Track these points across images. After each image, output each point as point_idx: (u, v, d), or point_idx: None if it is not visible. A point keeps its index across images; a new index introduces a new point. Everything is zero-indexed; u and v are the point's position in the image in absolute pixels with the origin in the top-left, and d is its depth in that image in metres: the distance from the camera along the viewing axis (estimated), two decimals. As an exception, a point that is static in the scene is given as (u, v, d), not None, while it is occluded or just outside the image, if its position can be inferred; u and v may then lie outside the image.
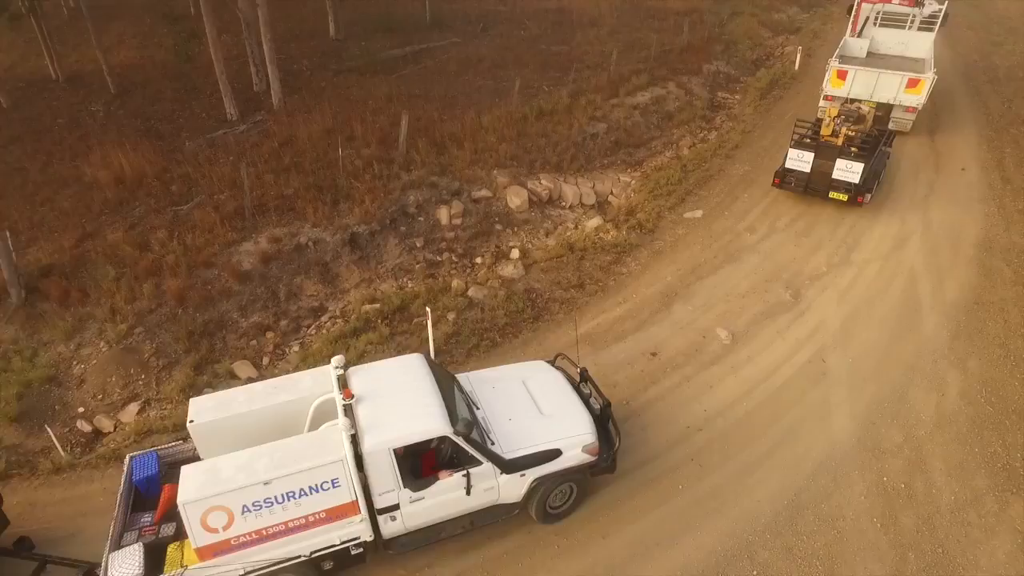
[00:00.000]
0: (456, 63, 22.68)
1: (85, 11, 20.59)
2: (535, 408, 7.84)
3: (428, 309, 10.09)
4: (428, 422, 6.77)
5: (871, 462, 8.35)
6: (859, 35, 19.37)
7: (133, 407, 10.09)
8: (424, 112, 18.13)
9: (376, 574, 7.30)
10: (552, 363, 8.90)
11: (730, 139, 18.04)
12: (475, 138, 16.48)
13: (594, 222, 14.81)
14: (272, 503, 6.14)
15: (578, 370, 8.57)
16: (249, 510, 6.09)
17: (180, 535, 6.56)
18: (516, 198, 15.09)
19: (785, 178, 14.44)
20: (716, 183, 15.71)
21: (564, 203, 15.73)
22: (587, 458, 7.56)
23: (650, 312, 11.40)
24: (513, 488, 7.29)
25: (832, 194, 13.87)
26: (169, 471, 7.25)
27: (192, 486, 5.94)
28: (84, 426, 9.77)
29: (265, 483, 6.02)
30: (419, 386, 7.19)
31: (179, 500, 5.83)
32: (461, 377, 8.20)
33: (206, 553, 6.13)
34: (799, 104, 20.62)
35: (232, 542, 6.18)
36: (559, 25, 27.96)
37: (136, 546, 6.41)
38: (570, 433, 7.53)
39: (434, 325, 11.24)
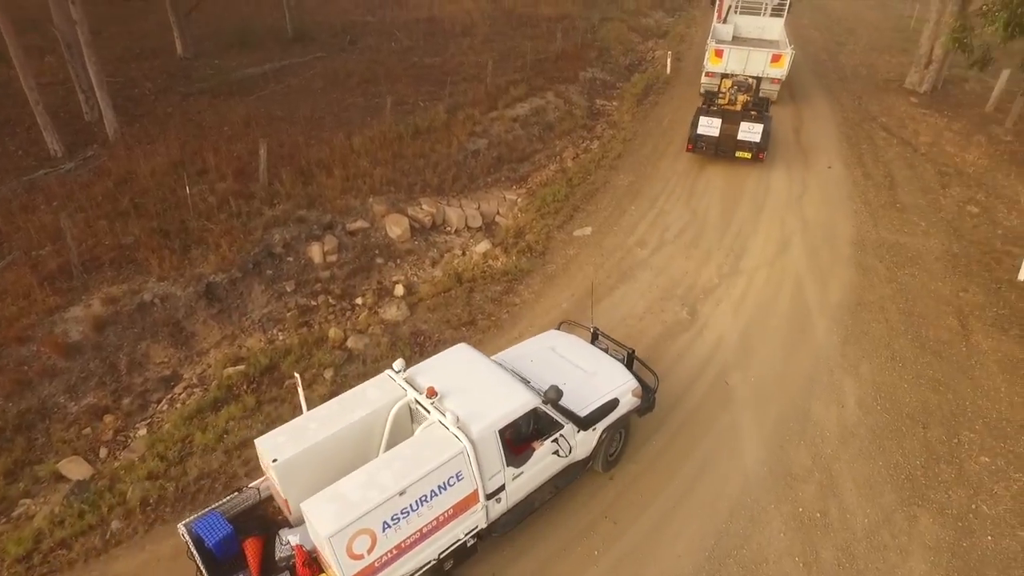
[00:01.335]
0: (322, 80, 21.10)
1: None
2: (579, 369, 8.28)
3: (297, 375, 8.71)
4: (519, 397, 6.95)
5: (785, 492, 8.02)
6: (724, 21, 22.25)
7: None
8: (288, 136, 16.52)
9: None
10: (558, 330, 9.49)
11: (612, 148, 17.83)
12: (346, 163, 15.13)
13: (482, 246, 13.95)
14: (408, 512, 6.02)
15: (590, 330, 9.41)
16: (389, 525, 5.91)
17: None
18: (396, 227, 13.94)
19: (697, 143, 16.27)
20: (603, 196, 15.34)
21: (449, 228, 14.77)
22: (636, 401, 8.20)
23: (548, 344, 10.64)
24: (586, 444, 7.70)
25: (738, 153, 16.04)
26: (239, 526, 6.61)
27: (329, 518, 5.61)
28: None
29: (401, 493, 5.89)
30: (485, 370, 7.37)
31: (323, 535, 5.50)
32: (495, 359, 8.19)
33: None
34: (675, 109, 20.91)
35: (376, 564, 5.95)
36: (431, 36, 26.97)
37: None
38: (618, 382, 8.15)
39: (310, 385, 9.93)
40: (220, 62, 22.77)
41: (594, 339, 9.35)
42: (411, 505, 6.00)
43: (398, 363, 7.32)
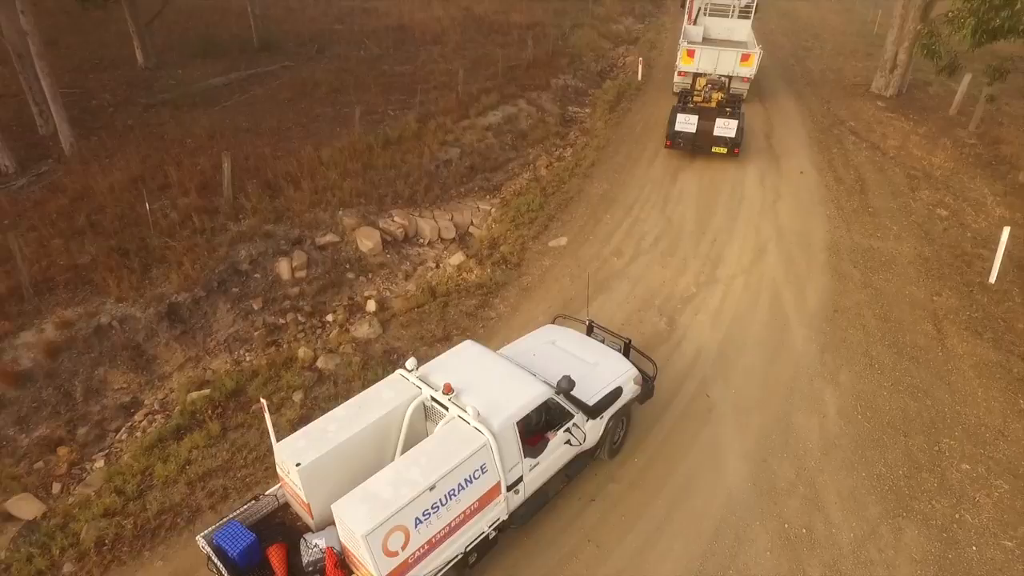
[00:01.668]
0: (289, 90, 20.65)
1: None
2: (581, 360, 8.39)
3: (263, 401, 8.31)
4: (534, 389, 7.10)
5: (770, 507, 7.86)
6: (694, 23, 23.10)
7: None
8: (254, 149, 16.06)
9: None
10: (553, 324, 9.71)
11: (586, 156, 17.69)
12: (314, 175, 14.73)
13: (456, 258, 13.66)
14: (438, 507, 6.05)
15: (585, 322, 9.54)
16: (421, 521, 5.93)
17: None
18: (367, 240, 13.57)
19: (675, 140, 16.82)
20: (577, 205, 15.17)
21: (422, 240, 14.44)
22: (637, 389, 8.48)
23: (525, 359, 10.38)
24: (594, 432, 7.87)
25: (715, 148, 16.63)
26: (261, 534, 6.49)
27: (363, 517, 5.60)
28: None
29: (431, 488, 5.93)
30: (495, 365, 7.53)
31: (358, 534, 5.47)
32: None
33: None
34: (648, 115, 20.89)
35: (409, 560, 5.96)
36: (401, 43, 26.67)
37: None
38: (620, 371, 8.35)
39: (278, 409, 9.53)
40: (183, 72, 22.18)
41: (589, 331, 9.52)
42: (441, 499, 6.06)
43: (410, 362, 7.32)
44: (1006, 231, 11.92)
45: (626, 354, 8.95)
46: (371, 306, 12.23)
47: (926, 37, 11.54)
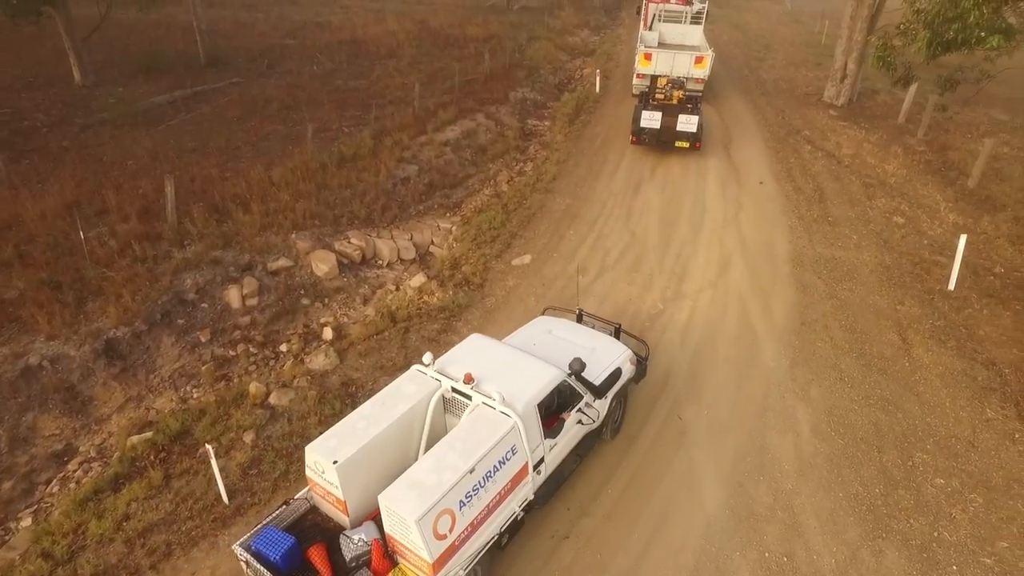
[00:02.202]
0: (238, 107, 19.90)
1: None
2: (579, 346, 8.72)
3: (209, 447, 7.71)
4: (549, 373, 7.43)
5: (749, 535, 7.59)
6: (650, 29, 24.05)
7: None
8: (200, 170, 15.33)
9: None
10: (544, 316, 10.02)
11: (547, 171, 17.44)
12: (265, 197, 14.10)
13: (417, 280, 13.17)
14: (478, 489, 6.27)
15: (575, 312, 10.09)
16: (464, 503, 6.15)
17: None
18: (323, 264, 12.99)
19: (640, 136, 17.76)
20: (540, 221, 14.86)
21: (381, 262, 13.91)
22: (633, 369, 8.90)
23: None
24: (600, 412, 8.16)
25: (678, 143, 17.60)
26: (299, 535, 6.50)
27: (413, 503, 5.81)
28: None
29: (471, 471, 6.16)
30: (506, 354, 7.80)
31: (411, 520, 5.68)
32: None
33: (439, 565, 5.97)
34: (607, 127, 20.80)
35: (456, 543, 6.16)
36: (355, 58, 26.13)
37: None
38: (617, 353, 8.81)
39: (227, 451, 8.88)
40: (124, 90, 21.21)
41: (579, 319, 10.01)
42: (479, 482, 6.29)
43: (427, 357, 7.51)
44: (963, 239, 12.05)
45: (617, 338, 9.42)
46: (327, 334, 11.65)
47: (881, 50, 11.63)
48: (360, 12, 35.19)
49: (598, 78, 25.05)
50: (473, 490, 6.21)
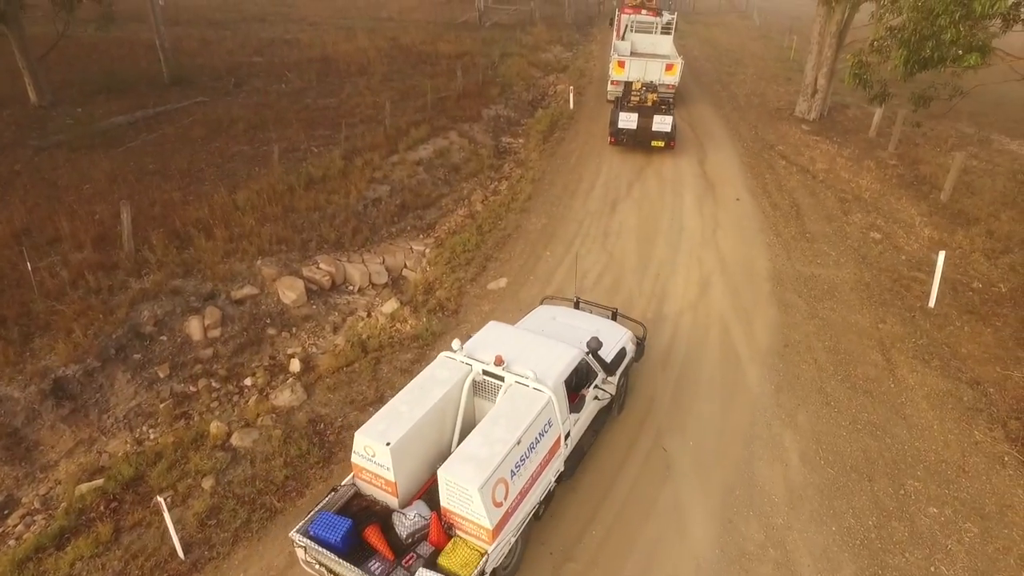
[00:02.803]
0: (202, 127, 19.27)
1: None
2: (584, 330, 9.05)
3: (161, 499, 7.12)
4: (569, 352, 7.91)
5: (741, 577, 7.21)
6: (623, 39, 25.41)
7: None
8: (161, 194, 14.70)
9: None
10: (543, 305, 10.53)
11: (522, 190, 17.12)
12: (229, 222, 13.51)
13: (389, 306, 12.68)
14: (524, 459, 6.69)
15: (573, 300, 10.71)
16: (515, 472, 6.54)
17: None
18: (290, 291, 12.44)
19: (618, 136, 18.89)
20: (516, 243, 14.49)
21: (352, 287, 13.41)
22: (634, 349, 9.58)
23: (467, 419, 9.51)
24: (610, 389, 8.69)
25: (653, 142, 18.70)
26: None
27: (472, 473, 6.16)
28: None
29: (518, 442, 6.58)
30: (525, 337, 8.25)
31: (472, 489, 6.04)
32: None
33: (496, 532, 6.31)
34: (582, 144, 20.60)
35: (509, 511, 6.51)
36: (325, 76, 25.65)
37: (429, 573, 6.05)
38: (619, 335, 9.46)
39: (184, 500, 8.29)
40: (83, 111, 20.43)
41: (576, 306, 10.59)
42: (525, 452, 6.70)
43: (455, 343, 7.86)
44: (941, 255, 11.97)
45: (614, 321, 10.05)
46: (295, 365, 11.10)
47: (856, 67, 11.56)
48: (330, 29, 34.74)
49: (571, 94, 24.92)
50: (520, 460, 6.65)
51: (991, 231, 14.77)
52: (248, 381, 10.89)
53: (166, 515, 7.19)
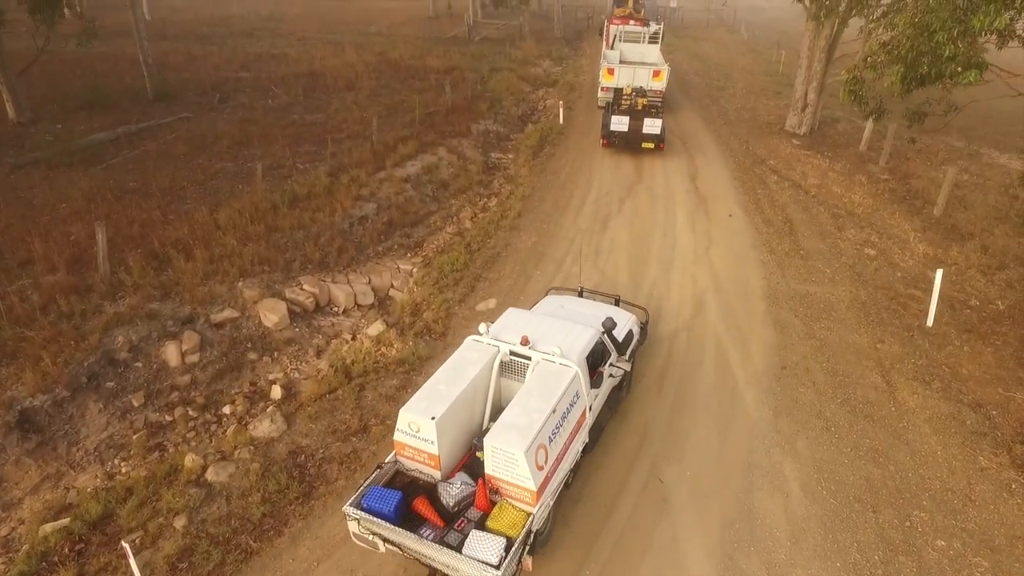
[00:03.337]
0: (186, 144, 18.90)
1: None
2: (593, 316, 9.48)
3: (126, 544, 6.68)
4: (587, 331, 8.49)
5: (743, 620, 6.84)
6: (612, 48, 26.44)
7: None
8: (140, 213, 14.29)
9: None
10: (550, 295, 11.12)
11: (511, 206, 16.82)
12: (210, 242, 13.11)
13: (375, 328, 12.29)
14: (558, 427, 7.14)
15: (577, 290, 11.33)
16: (551, 439, 7.00)
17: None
18: (272, 314, 12.04)
19: (611, 138, 20.01)
20: (505, 262, 14.16)
21: (336, 308, 13.02)
22: (638, 332, 10.15)
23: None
24: (625, 366, 9.23)
25: (644, 144, 19.75)
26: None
27: (516, 439, 6.64)
28: None
29: (553, 411, 7.04)
30: (544, 320, 8.79)
31: (519, 453, 6.51)
32: None
33: (539, 493, 6.70)
34: (572, 159, 20.38)
35: (548, 474, 6.91)
36: (312, 91, 25.38)
37: (481, 533, 6.43)
38: (626, 319, 9.95)
39: (154, 541, 7.85)
40: (63, 127, 20.02)
41: (580, 295, 11.10)
42: (559, 421, 7.19)
43: (482, 327, 8.32)
44: (939, 273, 11.74)
45: (616, 304, 10.61)
46: (276, 392, 10.67)
47: (851, 84, 11.39)
48: (318, 44, 34.53)
49: (561, 109, 24.75)
50: (555, 428, 7.10)
51: (986, 246, 14.60)
52: (227, 409, 10.46)
53: (131, 561, 6.75)
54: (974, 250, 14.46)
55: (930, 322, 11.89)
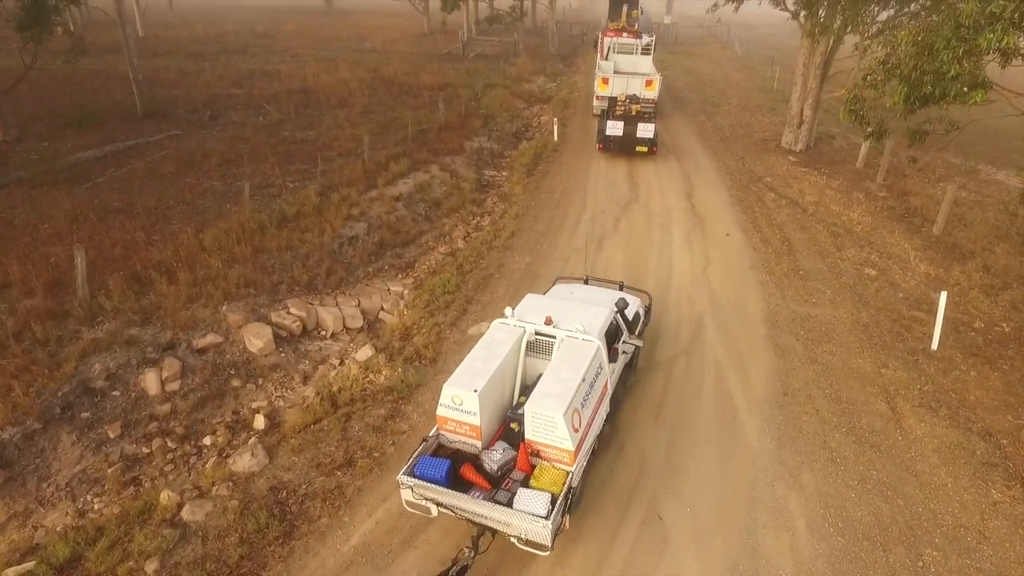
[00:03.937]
0: (174, 162, 18.58)
1: None
2: (602, 300, 9.99)
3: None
4: (602, 310, 9.15)
5: (749, 672, 6.42)
6: (606, 59, 27.26)
7: None
8: (124, 234, 13.93)
9: None
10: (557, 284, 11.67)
11: (505, 226, 16.51)
12: (194, 264, 12.74)
13: (363, 353, 11.90)
14: (588, 396, 7.80)
15: (583, 279, 11.90)
16: (584, 404, 7.65)
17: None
18: (257, 339, 11.64)
19: (607, 143, 21.03)
20: (498, 283, 13.81)
21: (324, 332, 12.63)
22: (643, 314, 10.80)
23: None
24: (636, 342, 9.74)
25: (638, 148, 20.81)
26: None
27: (553, 403, 7.26)
28: None
29: (582, 380, 7.65)
30: (561, 302, 9.38)
31: (557, 416, 7.14)
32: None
33: (575, 454, 7.34)
34: (567, 177, 20.12)
35: (582, 437, 7.54)
36: (304, 108, 25.14)
37: (528, 490, 7.06)
38: (632, 301, 10.53)
39: (125, 587, 7.34)
40: (49, 145, 19.70)
41: (585, 283, 11.70)
42: (588, 389, 7.77)
43: (507, 310, 8.94)
44: (943, 296, 11.43)
45: (621, 289, 11.30)
46: (259, 422, 10.26)
47: (852, 103, 11.16)
48: (311, 61, 34.41)
49: (556, 126, 24.56)
50: (586, 395, 7.67)
51: (987, 266, 14.34)
52: (207, 440, 10.03)
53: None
54: (976, 270, 14.19)
55: (935, 345, 11.57)
